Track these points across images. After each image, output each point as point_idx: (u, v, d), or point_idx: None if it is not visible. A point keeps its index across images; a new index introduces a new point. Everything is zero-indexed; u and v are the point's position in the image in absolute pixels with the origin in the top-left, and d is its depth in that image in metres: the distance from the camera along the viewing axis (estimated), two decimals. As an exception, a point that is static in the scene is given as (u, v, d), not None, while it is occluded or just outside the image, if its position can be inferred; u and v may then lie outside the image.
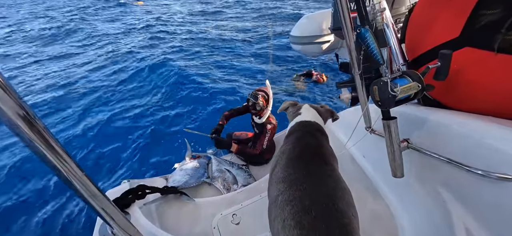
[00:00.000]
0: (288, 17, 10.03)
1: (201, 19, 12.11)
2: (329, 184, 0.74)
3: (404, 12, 1.66)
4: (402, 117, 0.89)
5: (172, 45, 8.36)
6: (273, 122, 2.19)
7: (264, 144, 2.11)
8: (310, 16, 2.39)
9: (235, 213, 1.33)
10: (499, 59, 0.72)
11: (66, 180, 0.59)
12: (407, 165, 0.91)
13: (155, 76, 6.02)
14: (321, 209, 0.66)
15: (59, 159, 0.55)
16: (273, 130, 2.15)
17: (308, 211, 0.65)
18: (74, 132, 4.05)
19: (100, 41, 9.37)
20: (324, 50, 2.43)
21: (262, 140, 2.12)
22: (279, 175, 0.82)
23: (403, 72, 0.84)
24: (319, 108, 1.13)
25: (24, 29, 11.37)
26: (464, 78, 0.82)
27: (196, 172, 1.89)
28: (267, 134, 2.11)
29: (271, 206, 0.78)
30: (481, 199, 0.71)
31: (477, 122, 0.73)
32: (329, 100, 4.73)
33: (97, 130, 4.09)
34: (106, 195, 0.71)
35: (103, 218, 0.71)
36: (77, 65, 7.30)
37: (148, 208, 1.27)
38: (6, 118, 0.46)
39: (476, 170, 0.67)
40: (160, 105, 4.75)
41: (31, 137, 0.50)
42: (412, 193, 1.01)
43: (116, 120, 4.32)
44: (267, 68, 5.86)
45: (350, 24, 0.88)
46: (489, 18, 0.75)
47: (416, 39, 1.02)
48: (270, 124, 2.15)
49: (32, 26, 11.56)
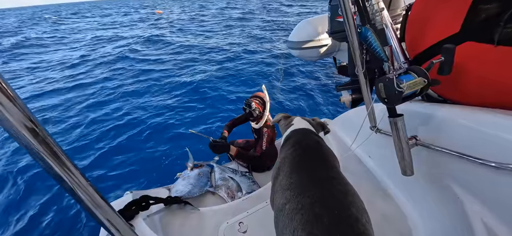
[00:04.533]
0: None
1: (211, 28, 12.50)
2: (338, 189, 0.71)
3: (400, 13, 1.69)
4: (408, 115, 0.88)
5: (177, 56, 8.51)
6: (271, 126, 2.19)
7: (263, 146, 2.11)
8: (307, 21, 2.43)
9: (241, 222, 1.29)
10: (500, 51, 0.73)
11: (69, 190, 0.56)
12: (416, 162, 0.89)
13: (159, 86, 6.06)
14: (333, 216, 0.62)
15: (63, 168, 0.53)
16: (270, 133, 2.15)
17: (320, 220, 0.61)
18: (73, 143, 4.01)
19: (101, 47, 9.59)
20: (322, 54, 2.46)
21: (261, 143, 2.12)
22: (284, 182, 0.78)
23: (407, 69, 0.84)
24: (311, 120, 1.14)
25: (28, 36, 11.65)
26: (467, 72, 0.82)
27: (199, 181, 1.85)
28: (265, 136, 2.12)
29: (278, 216, 0.74)
30: (496, 192, 0.69)
31: (485, 115, 0.73)
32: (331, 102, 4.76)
33: (97, 141, 4.05)
34: (112, 205, 0.69)
35: (108, 230, 0.69)
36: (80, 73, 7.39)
37: (152, 220, 1.23)
38: (10, 126, 0.44)
39: (489, 162, 0.66)
40: (161, 116, 4.73)
41: (35, 146, 0.49)
42: (423, 191, 0.99)
43: (117, 131, 4.29)
44: (277, 78, 5.86)
45: (353, 23, 0.89)
46: (487, 12, 0.76)
47: (416, 37, 1.03)
48: (268, 127, 2.16)
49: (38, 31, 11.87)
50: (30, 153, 0.49)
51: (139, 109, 5.03)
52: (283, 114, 1.22)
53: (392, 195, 1.16)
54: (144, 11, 17.39)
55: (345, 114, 1.70)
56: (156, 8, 17.69)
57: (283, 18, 12.54)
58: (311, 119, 1.16)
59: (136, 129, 4.29)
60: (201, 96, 5.39)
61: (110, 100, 5.54)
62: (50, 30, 16.76)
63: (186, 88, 5.75)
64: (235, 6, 15.76)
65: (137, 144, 3.91)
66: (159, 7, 17.54)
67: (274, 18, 13.26)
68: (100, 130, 4.35)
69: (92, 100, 5.57)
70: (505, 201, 0.67)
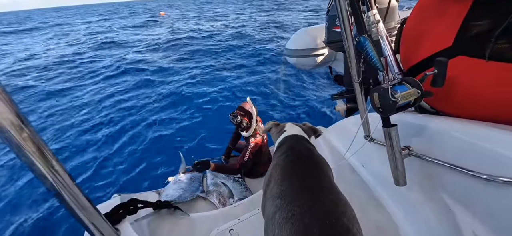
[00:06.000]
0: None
1: (210, 32, 12.55)
2: (329, 198, 0.70)
3: (395, 26, 1.74)
4: (401, 125, 0.89)
5: (175, 59, 8.49)
6: (259, 136, 2.17)
7: (245, 157, 2.06)
8: (305, 30, 2.47)
9: (232, 229, 1.26)
10: (491, 66, 0.75)
11: (53, 189, 0.53)
12: (408, 173, 0.90)
13: (151, 88, 5.99)
14: (324, 226, 0.61)
15: (48, 166, 0.51)
16: (256, 146, 2.12)
17: (310, 230, 0.60)
18: (60, 143, 3.88)
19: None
20: (318, 63, 2.49)
21: (244, 154, 2.08)
22: (275, 190, 0.77)
23: (402, 79, 0.85)
24: (302, 125, 1.14)
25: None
26: (459, 85, 0.84)
27: (190, 186, 1.81)
28: (250, 147, 2.09)
29: (268, 224, 0.73)
30: (487, 204, 0.70)
31: (478, 128, 0.74)
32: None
33: (85, 141, 3.94)
34: (97, 208, 0.65)
35: (92, 233, 0.65)
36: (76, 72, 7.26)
37: (140, 224, 1.19)
38: None
39: (481, 174, 0.67)
40: (153, 118, 4.66)
41: (18, 142, 0.46)
42: (415, 202, 0.99)
43: (106, 131, 4.18)
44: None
45: (350, 32, 0.90)
46: (479, 28, 0.79)
47: (410, 49, 1.05)
48: (254, 137, 2.13)
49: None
50: (14, 150, 0.47)
51: (132, 111, 4.94)
52: (273, 122, 1.22)
53: (385, 205, 1.16)
54: (148, 14, 17.64)
55: (339, 122, 1.72)
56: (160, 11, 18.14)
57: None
58: (302, 124, 1.17)
59: (129, 131, 4.21)
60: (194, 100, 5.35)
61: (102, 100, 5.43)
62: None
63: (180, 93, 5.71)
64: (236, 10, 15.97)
65: (128, 147, 3.82)
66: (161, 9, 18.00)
67: (276, 24, 13.46)
68: (90, 131, 4.24)
69: (83, 101, 5.45)
70: (496, 214, 0.68)
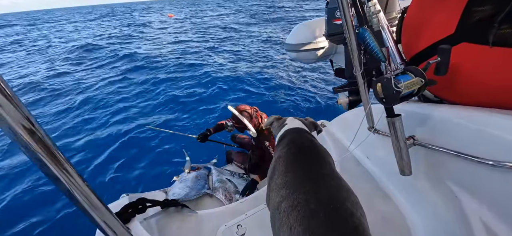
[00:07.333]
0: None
1: (214, 33, 12.54)
2: (332, 185, 0.72)
3: (396, 16, 1.72)
4: (405, 115, 0.89)
5: (179, 58, 8.50)
6: (269, 134, 2.09)
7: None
8: (304, 24, 2.45)
9: (239, 224, 1.28)
10: (495, 52, 0.74)
11: (66, 190, 0.55)
12: (414, 162, 0.90)
13: (158, 90, 6.01)
14: (329, 211, 0.63)
15: (60, 168, 0.52)
16: (273, 144, 2.04)
17: (316, 215, 0.62)
18: (69, 145, 3.95)
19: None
20: (319, 57, 2.48)
21: (269, 153, 2.01)
22: (279, 181, 0.79)
23: (405, 69, 0.85)
24: (303, 120, 1.15)
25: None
26: (463, 72, 0.83)
27: (196, 184, 1.83)
28: (270, 149, 2.01)
29: (274, 214, 0.75)
30: (494, 190, 0.70)
31: (482, 114, 0.74)
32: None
33: (92, 143, 3.99)
34: (109, 207, 0.67)
35: (104, 232, 0.67)
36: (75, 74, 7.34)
37: (149, 223, 1.21)
38: (6, 124, 0.43)
39: (487, 161, 0.67)
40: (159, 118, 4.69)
41: (31, 145, 0.47)
42: (421, 191, 0.99)
43: (113, 133, 4.23)
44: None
45: (351, 23, 0.90)
46: (481, 14, 0.78)
47: (412, 38, 1.05)
48: (268, 141, 2.03)
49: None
50: (26, 153, 0.48)
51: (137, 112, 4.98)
52: (275, 116, 1.22)
53: (391, 195, 1.16)
54: (156, 15, 17.79)
55: (342, 115, 1.71)
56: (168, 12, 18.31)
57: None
58: (304, 118, 1.17)
59: (133, 132, 4.24)
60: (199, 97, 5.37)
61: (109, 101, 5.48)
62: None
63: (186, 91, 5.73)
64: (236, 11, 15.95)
65: (134, 147, 3.86)
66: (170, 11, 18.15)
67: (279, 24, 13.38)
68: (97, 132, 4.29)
69: (91, 100, 5.51)
70: (503, 199, 0.68)
